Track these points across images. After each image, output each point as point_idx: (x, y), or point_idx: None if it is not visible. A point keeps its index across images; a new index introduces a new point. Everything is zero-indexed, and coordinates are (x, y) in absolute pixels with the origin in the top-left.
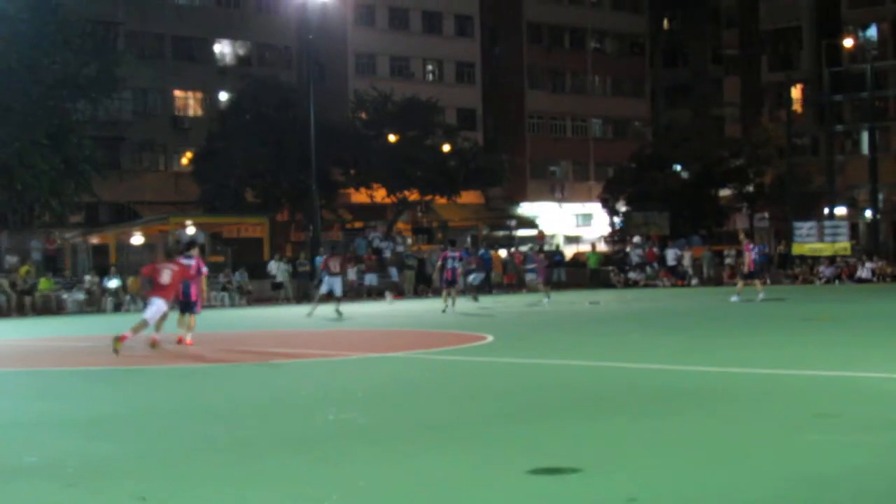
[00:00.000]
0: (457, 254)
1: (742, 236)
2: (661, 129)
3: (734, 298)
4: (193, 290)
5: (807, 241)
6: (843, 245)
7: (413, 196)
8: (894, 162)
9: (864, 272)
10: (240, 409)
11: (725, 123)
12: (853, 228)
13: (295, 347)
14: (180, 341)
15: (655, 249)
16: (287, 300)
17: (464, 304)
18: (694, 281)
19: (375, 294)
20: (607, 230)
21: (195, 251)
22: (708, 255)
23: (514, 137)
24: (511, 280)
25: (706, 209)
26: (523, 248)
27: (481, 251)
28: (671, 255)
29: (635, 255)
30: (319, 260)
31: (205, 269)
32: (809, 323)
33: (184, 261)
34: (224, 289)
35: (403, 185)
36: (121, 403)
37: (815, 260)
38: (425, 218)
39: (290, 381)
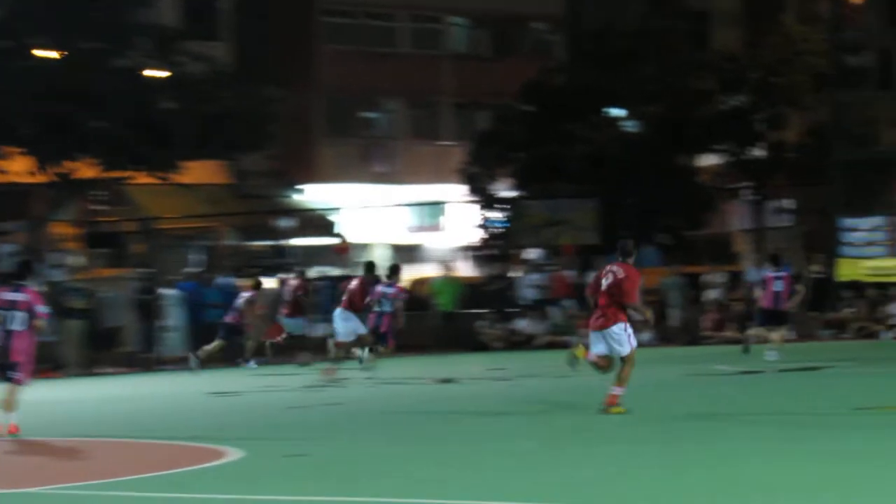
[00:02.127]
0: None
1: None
2: (583, 38)
3: (771, 356)
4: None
5: (866, 255)
6: None
7: (86, 171)
8: None
9: None
10: None
11: (711, 25)
12: None
13: None
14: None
15: (569, 273)
16: None
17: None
18: (646, 334)
19: None
20: (476, 236)
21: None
22: (675, 281)
23: (292, 53)
24: (277, 334)
25: (673, 193)
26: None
27: (222, 280)
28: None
29: (528, 287)
30: None
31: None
32: (868, 418)
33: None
34: None
35: (65, 150)
36: None
37: (884, 290)
38: (110, 214)
39: None
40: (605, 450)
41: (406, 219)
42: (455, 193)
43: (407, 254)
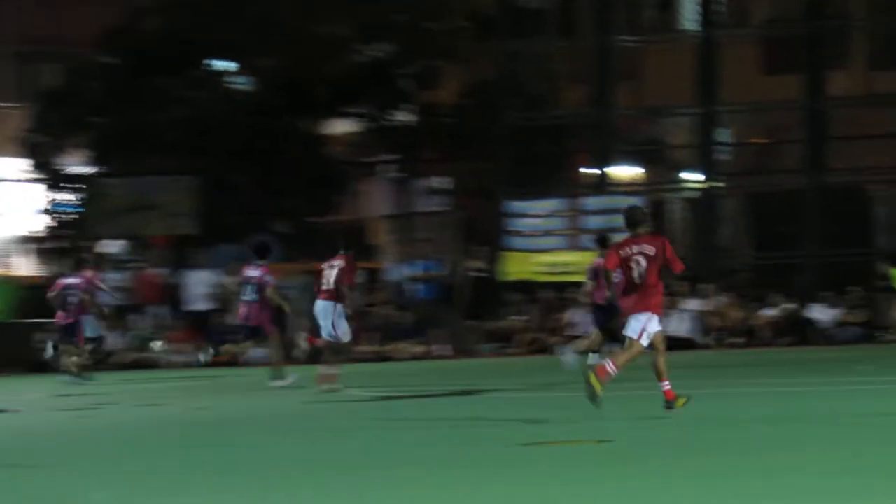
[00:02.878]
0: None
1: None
2: None
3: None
4: None
5: (539, 248)
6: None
7: None
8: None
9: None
10: None
11: None
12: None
13: None
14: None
15: (159, 272)
16: None
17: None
18: (256, 351)
19: None
20: (40, 225)
21: None
22: (305, 282)
23: None
24: None
25: (296, 169)
26: None
27: None
28: (197, 285)
29: (105, 290)
30: None
31: None
32: (531, 455)
33: None
34: None
35: None
36: None
37: (560, 292)
38: None
39: None
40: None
41: None
42: (12, 169)
43: None
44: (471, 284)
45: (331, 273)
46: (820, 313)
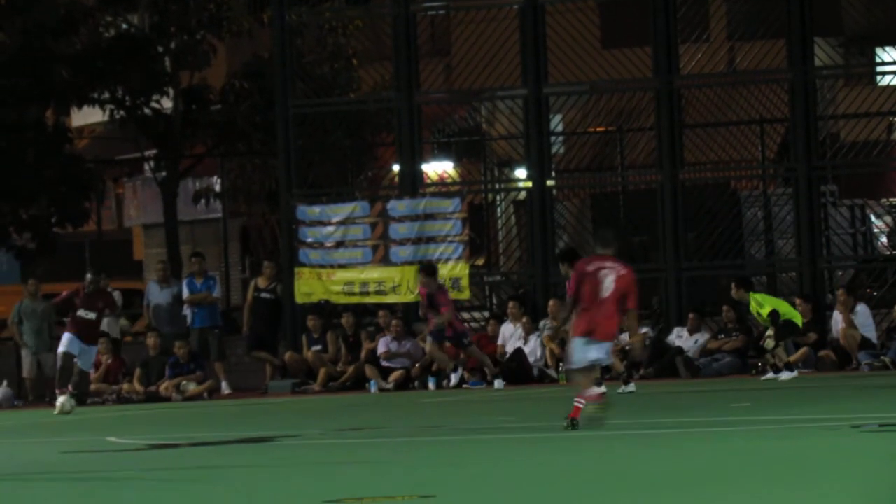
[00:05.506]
0: None
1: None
2: None
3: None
4: None
5: (335, 263)
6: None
7: None
8: None
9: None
10: None
11: None
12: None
13: None
14: None
15: None
16: None
17: None
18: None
19: None
20: None
21: None
22: (42, 308)
23: None
24: None
25: (33, 169)
26: None
27: None
28: None
29: None
30: None
31: None
32: None
33: None
34: None
35: None
36: None
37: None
38: None
39: None
40: None
41: None
42: None
43: None
44: (255, 308)
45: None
46: (683, 339)
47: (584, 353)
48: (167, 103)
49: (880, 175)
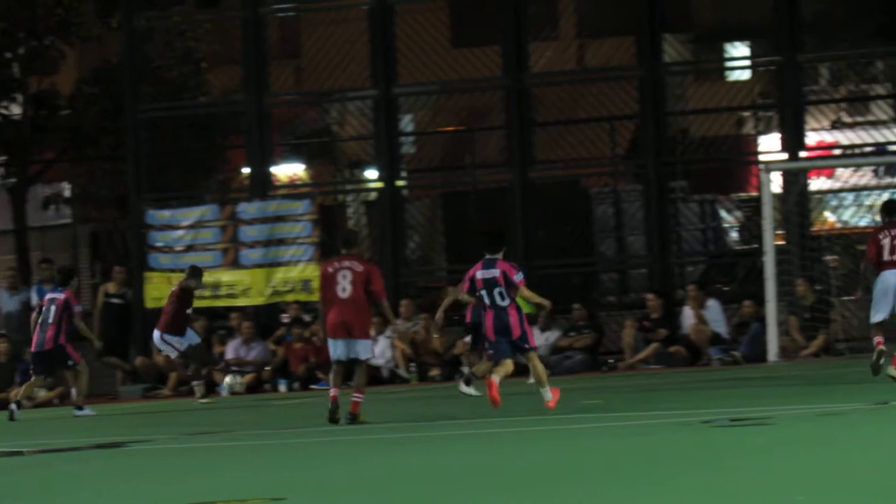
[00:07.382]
0: None
1: None
2: None
3: None
4: None
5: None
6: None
7: None
8: None
9: None
10: None
11: None
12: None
13: None
14: None
15: None
16: None
17: None
18: None
19: None
20: None
21: None
22: None
23: None
24: None
25: None
26: None
27: None
28: None
29: None
30: None
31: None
32: None
33: None
34: None
35: None
36: None
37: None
38: None
39: None
40: None
41: None
42: None
43: None
44: (106, 314)
45: None
46: (535, 337)
47: (334, 350)
48: (16, 109)
49: (730, 170)
